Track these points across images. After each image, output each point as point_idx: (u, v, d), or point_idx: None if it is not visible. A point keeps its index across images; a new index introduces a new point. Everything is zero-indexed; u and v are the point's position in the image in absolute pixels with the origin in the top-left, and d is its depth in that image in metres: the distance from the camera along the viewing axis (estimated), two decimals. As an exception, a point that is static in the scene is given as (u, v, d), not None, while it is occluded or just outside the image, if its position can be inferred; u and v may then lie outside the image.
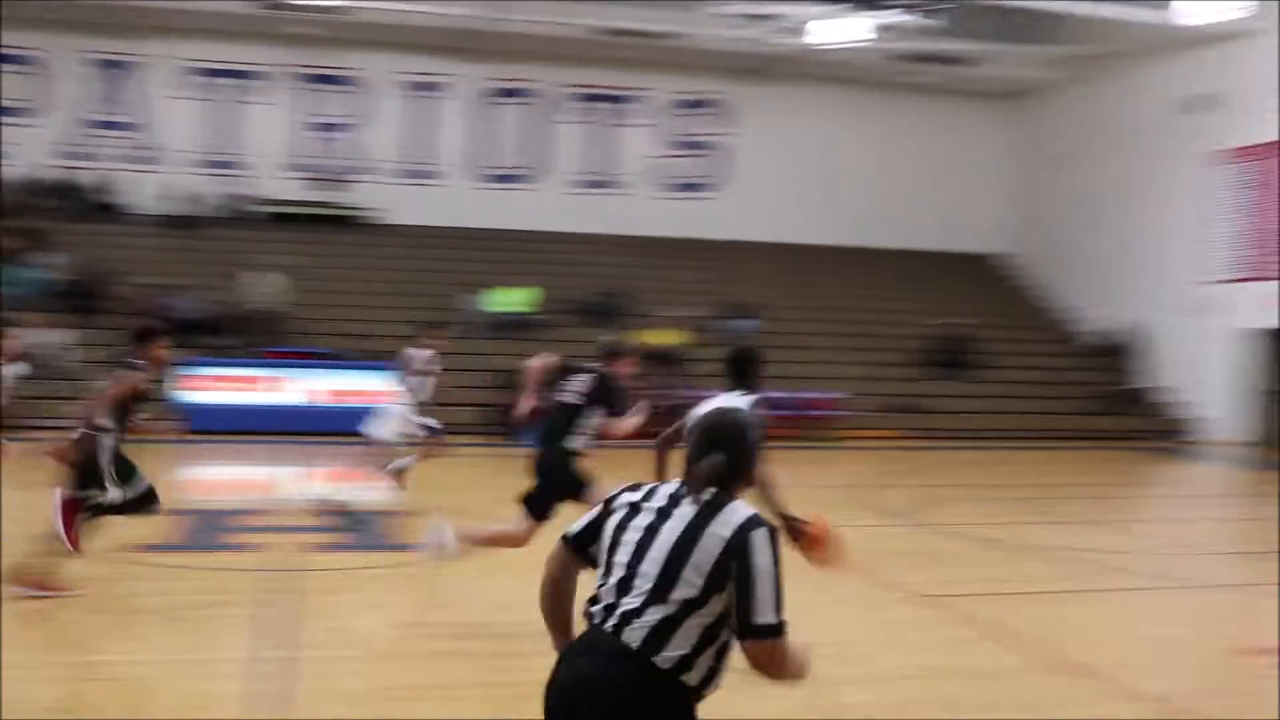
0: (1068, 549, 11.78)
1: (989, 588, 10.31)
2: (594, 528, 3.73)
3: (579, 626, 3.72)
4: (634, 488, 3.73)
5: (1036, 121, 31.51)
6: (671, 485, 3.67)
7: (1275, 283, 23.80)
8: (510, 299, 24.66)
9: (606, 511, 3.72)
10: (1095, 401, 25.81)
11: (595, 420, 8.61)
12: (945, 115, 31.83)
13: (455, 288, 24.65)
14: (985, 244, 32.27)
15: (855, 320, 26.98)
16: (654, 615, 3.48)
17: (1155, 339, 26.44)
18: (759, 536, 3.49)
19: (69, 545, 8.37)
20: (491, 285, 24.73)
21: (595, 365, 8.88)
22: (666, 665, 3.48)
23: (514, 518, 8.54)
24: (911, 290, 28.94)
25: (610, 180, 29.85)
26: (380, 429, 13.73)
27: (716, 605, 3.48)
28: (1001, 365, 26.36)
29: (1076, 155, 29.50)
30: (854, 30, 25.21)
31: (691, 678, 3.51)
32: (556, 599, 3.84)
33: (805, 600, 9.22)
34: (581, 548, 3.76)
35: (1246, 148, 24.83)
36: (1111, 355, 26.92)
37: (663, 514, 3.59)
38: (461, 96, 29.00)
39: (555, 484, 8.48)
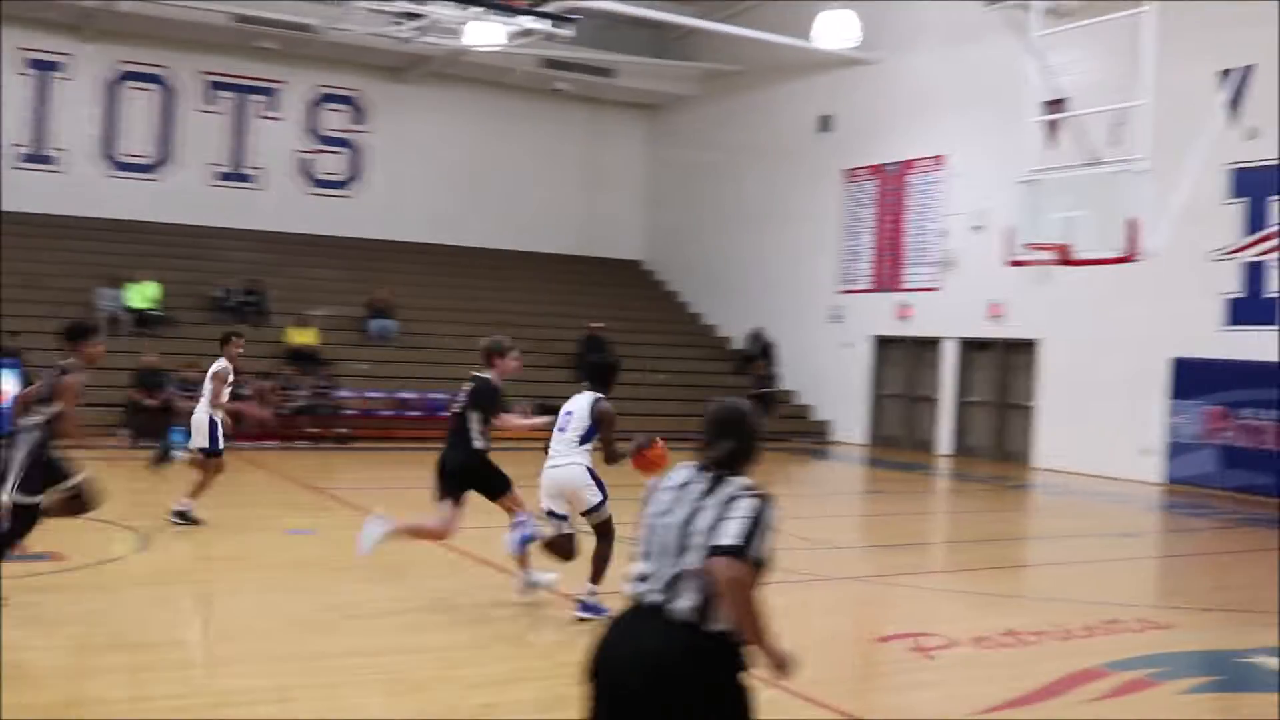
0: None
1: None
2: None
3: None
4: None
5: (676, 134, 32.51)
6: (688, 469, 4.15)
7: (891, 294, 25.51)
8: (144, 294, 23.37)
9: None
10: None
11: (481, 422, 9.13)
12: (591, 124, 32.49)
13: (90, 281, 23.23)
14: (633, 251, 33.16)
15: (500, 323, 26.84)
16: (685, 584, 3.86)
17: (791, 346, 27.68)
18: (751, 495, 3.99)
19: None
20: (125, 280, 23.38)
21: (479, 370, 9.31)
22: (708, 626, 3.86)
23: (434, 514, 8.98)
24: (560, 294, 29.25)
25: (247, 173, 28.78)
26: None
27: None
28: (648, 369, 26.95)
29: (717, 168, 30.59)
30: (493, 35, 25.26)
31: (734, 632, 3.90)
32: None
33: (451, 602, 9.08)
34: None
35: (859, 168, 26.48)
36: (750, 361, 27.98)
37: (679, 493, 4.07)
38: (87, 78, 27.24)
39: (477, 482, 9.12)
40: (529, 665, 7.68)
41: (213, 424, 12.29)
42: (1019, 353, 23.00)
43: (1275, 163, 18.89)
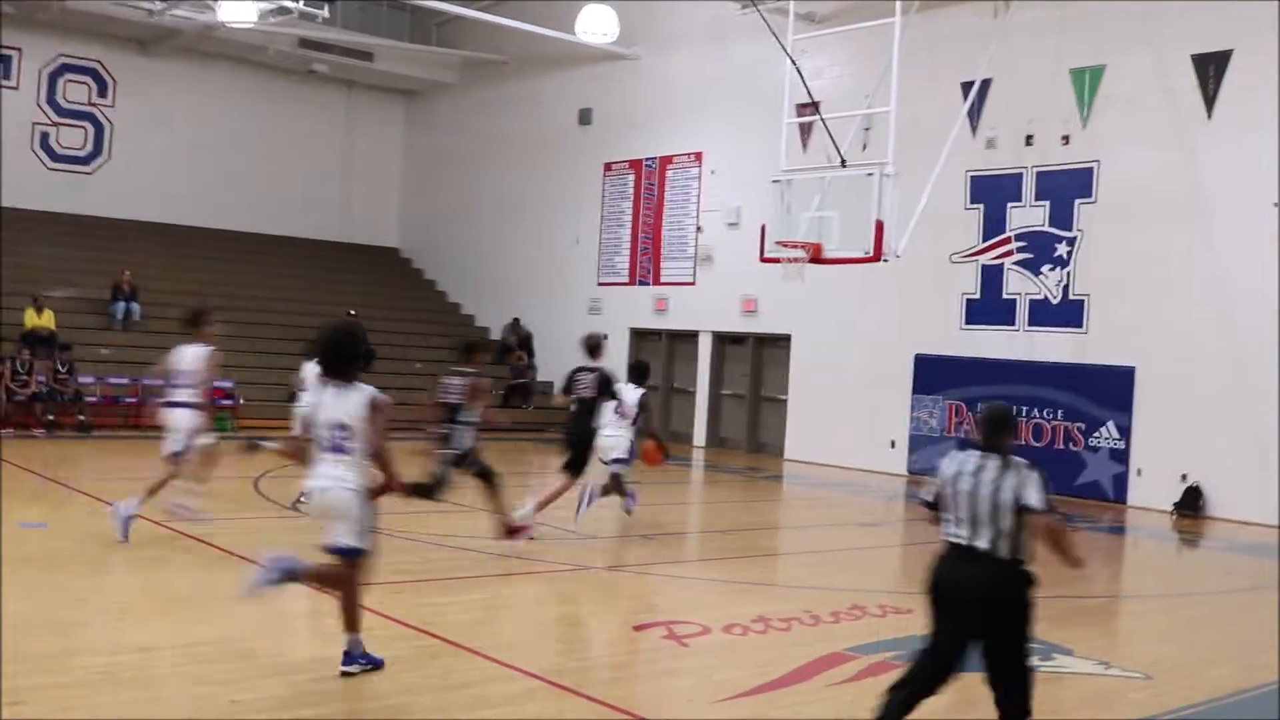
0: (457, 537, 12.01)
1: (390, 577, 10.31)
2: (940, 493, 6.05)
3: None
4: (949, 462, 6.07)
5: (436, 121, 32.22)
6: (974, 456, 5.95)
7: (649, 287, 25.88)
8: None
9: (943, 481, 6.03)
10: (493, 395, 26.62)
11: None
12: (349, 108, 31.98)
13: None
14: (391, 238, 32.77)
15: (252, 308, 26.22)
16: (1001, 532, 5.79)
17: (549, 337, 27.77)
18: (1032, 469, 5.85)
19: None
20: None
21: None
22: (1017, 559, 5.83)
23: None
24: (315, 279, 28.69)
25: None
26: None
27: (1020, 521, 5.81)
28: (406, 358, 26.65)
29: (477, 157, 30.44)
30: (245, 11, 24.54)
31: (1027, 562, 5.87)
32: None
33: (201, 596, 8.86)
34: (933, 506, 6.11)
35: (619, 162, 26.79)
36: (508, 351, 27.94)
37: (977, 473, 5.89)
38: None
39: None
40: (266, 663, 7.52)
41: None
42: (772, 347, 23.65)
43: (1010, 171, 19.92)
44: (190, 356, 11.05)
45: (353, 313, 26.13)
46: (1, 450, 17.19)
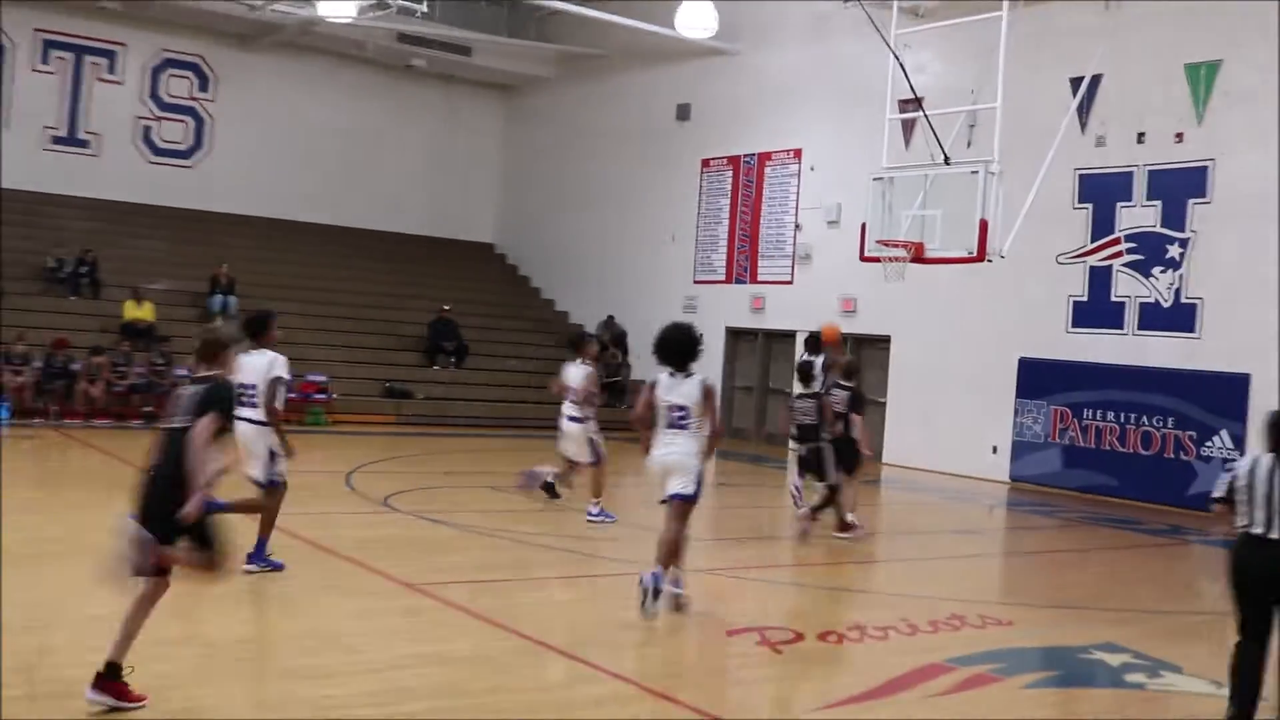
0: (551, 535, 12.03)
1: (477, 575, 10.36)
2: (1231, 487, 6.88)
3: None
4: (1245, 463, 6.86)
5: (533, 116, 32.34)
6: (1266, 457, 6.73)
7: (745, 286, 25.78)
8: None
9: (1235, 476, 6.87)
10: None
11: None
12: (446, 102, 32.20)
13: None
14: (486, 234, 32.98)
15: (346, 303, 26.53)
16: None
17: (644, 335, 27.73)
18: None
19: None
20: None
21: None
22: None
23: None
24: (410, 275, 28.94)
25: (84, 138, 27.81)
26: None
27: None
28: (499, 354, 26.81)
29: (573, 152, 30.52)
30: (345, 7, 24.80)
31: None
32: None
33: (290, 591, 8.96)
34: (1224, 501, 6.90)
35: (716, 158, 26.69)
36: (603, 349, 27.96)
37: (1271, 473, 6.68)
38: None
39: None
40: (359, 659, 7.56)
41: None
42: (871, 348, 23.41)
43: (1121, 170, 19.51)
44: (254, 367, 9.77)
45: (446, 309, 26.40)
46: (2, 446, 17.57)
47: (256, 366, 9.72)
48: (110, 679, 6.12)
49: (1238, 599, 6.86)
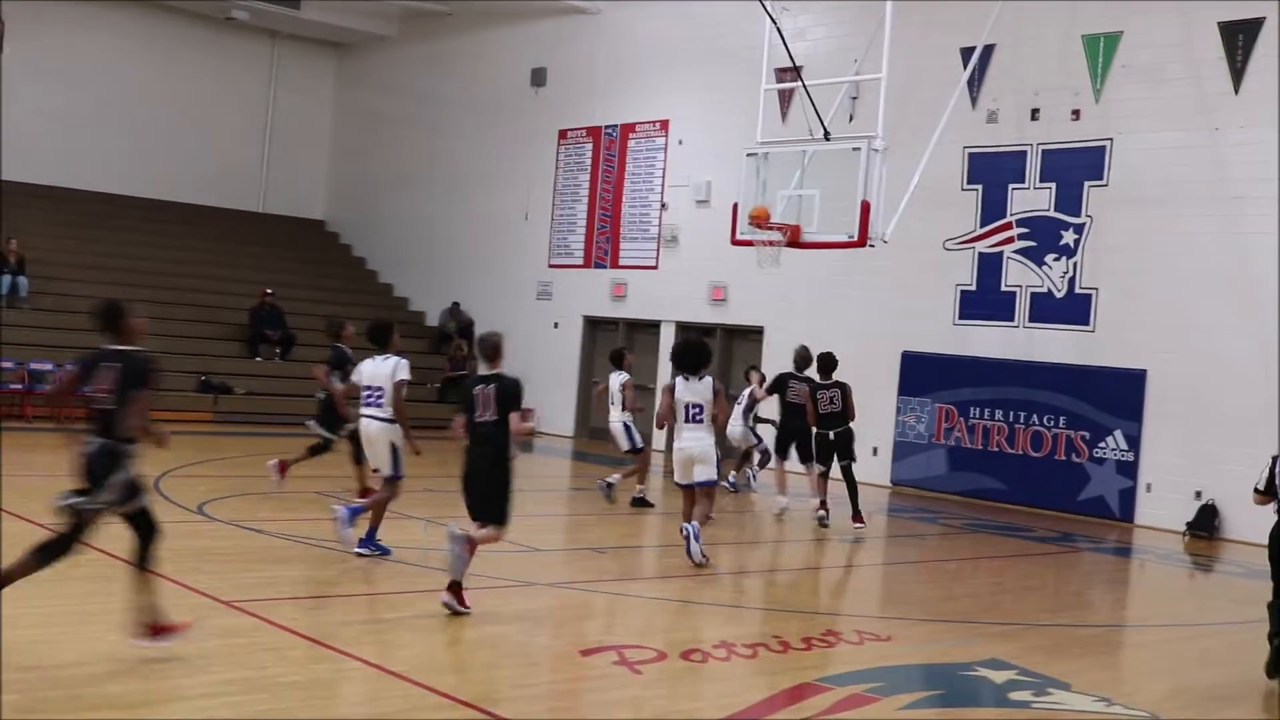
0: (396, 546, 11.96)
1: (305, 590, 10.26)
2: (1271, 478, 9.43)
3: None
4: None
5: (370, 78, 32.10)
6: None
7: (606, 271, 25.86)
8: None
9: (1276, 467, 9.44)
10: (429, 388, 26.65)
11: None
12: (272, 61, 31.79)
13: None
14: (317, 210, 32.63)
15: (156, 285, 25.98)
16: None
17: (493, 324, 27.69)
18: None
19: None
20: None
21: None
22: None
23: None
24: (230, 255, 28.52)
25: None
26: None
27: None
28: (329, 345, 26.47)
29: (415, 121, 30.32)
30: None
31: None
32: None
33: (92, 610, 8.78)
34: (1267, 492, 9.39)
35: (575, 129, 26.76)
36: (448, 339, 27.85)
37: None
38: None
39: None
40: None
41: None
42: (742, 340, 23.66)
43: (1013, 148, 20.00)
44: (379, 371, 11.84)
45: (269, 293, 26.05)
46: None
47: (381, 371, 11.72)
48: None
49: (1273, 569, 9.26)
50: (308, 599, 9.90)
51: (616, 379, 17.09)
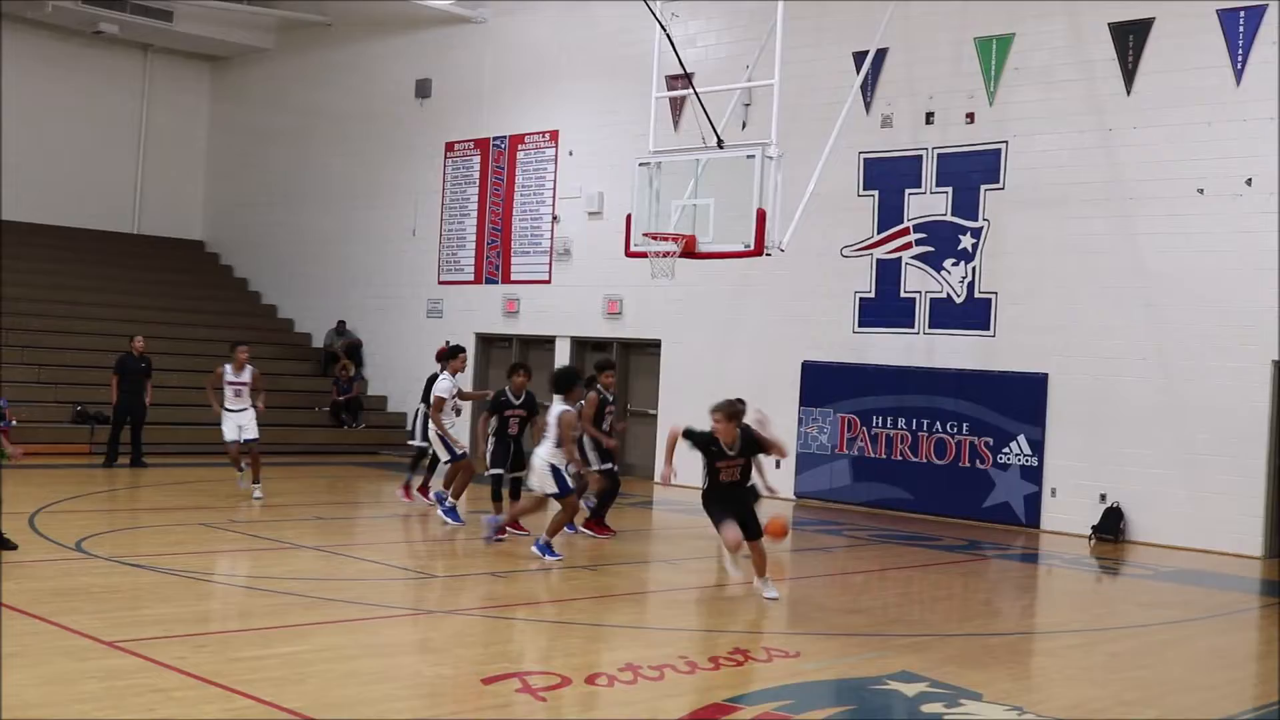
0: (275, 579, 11.82)
1: (192, 628, 10.11)
2: None
3: None
4: None
5: (247, 92, 31.80)
6: None
7: (497, 286, 25.79)
8: None
9: None
10: (317, 412, 26.39)
11: None
12: (145, 75, 31.38)
13: None
14: (194, 230, 32.25)
15: (26, 313, 25.54)
16: None
17: (381, 344, 27.53)
18: None
19: None
20: None
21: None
22: None
23: None
24: (103, 279, 28.06)
25: None
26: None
27: None
28: (209, 370, 26.09)
29: (296, 135, 30.08)
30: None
31: None
32: None
33: None
34: None
35: (462, 141, 26.69)
36: (334, 361, 27.59)
37: None
38: None
39: None
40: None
41: None
42: (639, 354, 23.69)
43: (909, 153, 20.24)
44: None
45: (139, 343, 25.16)
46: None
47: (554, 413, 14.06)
48: None
49: None
50: (195, 635, 9.74)
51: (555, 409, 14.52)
